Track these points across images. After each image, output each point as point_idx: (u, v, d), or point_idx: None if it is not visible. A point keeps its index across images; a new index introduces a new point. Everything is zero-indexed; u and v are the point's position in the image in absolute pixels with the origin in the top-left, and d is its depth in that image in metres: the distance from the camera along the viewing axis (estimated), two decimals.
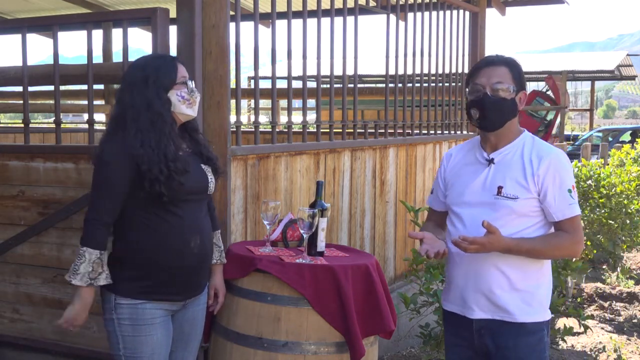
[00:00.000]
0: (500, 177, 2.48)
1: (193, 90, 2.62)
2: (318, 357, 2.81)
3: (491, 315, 2.51)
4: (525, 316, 2.48)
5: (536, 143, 2.52)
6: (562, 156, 2.50)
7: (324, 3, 4.33)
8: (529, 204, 2.45)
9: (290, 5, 3.85)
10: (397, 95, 5.08)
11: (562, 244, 2.46)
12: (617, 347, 5.06)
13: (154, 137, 2.49)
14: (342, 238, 4.33)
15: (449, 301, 2.66)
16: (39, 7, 7.73)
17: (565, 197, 2.43)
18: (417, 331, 4.30)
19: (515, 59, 2.55)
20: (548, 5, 7.23)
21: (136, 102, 2.52)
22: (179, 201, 2.54)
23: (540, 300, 2.52)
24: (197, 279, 2.67)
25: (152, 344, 2.56)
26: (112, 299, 2.57)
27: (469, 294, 2.54)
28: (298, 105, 6.96)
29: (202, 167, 2.69)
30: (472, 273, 2.53)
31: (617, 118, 77.81)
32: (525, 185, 2.44)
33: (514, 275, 2.47)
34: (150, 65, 2.59)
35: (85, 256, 2.47)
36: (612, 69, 19.71)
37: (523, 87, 2.52)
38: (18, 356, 3.78)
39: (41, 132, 7.04)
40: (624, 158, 8.98)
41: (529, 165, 2.45)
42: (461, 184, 2.58)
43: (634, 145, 11.08)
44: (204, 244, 2.64)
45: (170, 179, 2.47)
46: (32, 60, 4.02)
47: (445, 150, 5.71)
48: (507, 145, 2.52)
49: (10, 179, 3.72)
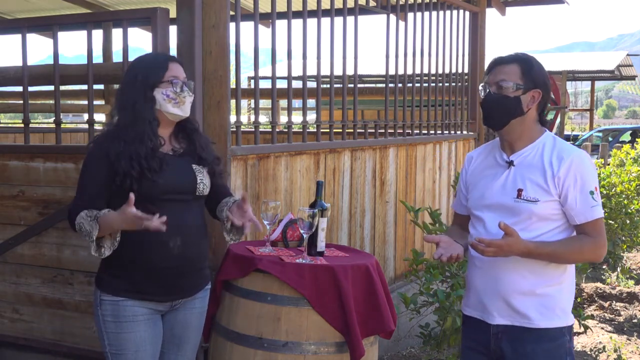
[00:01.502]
0: (520, 180, 2.42)
1: (182, 90, 2.60)
2: (318, 357, 2.81)
3: (511, 321, 2.45)
4: (545, 321, 2.42)
5: (557, 144, 2.44)
6: (584, 157, 2.42)
7: (324, 3, 4.33)
8: (549, 206, 2.38)
9: (290, 5, 3.85)
10: (397, 95, 5.08)
11: (584, 248, 2.38)
12: (617, 347, 5.06)
13: (131, 133, 2.51)
14: (342, 238, 4.33)
15: (468, 306, 2.60)
16: (39, 7, 7.74)
17: (587, 199, 2.35)
18: (417, 331, 4.29)
19: (532, 57, 2.48)
20: (548, 5, 7.24)
21: (124, 99, 2.57)
22: (156, 200, 2.52)
23: (562, 305, 2.44)
24: (182, 281, 2.62)
25: (136, 341, 2.55)
26: (97, 295, 2.59)
27: (489, 299, 2.48)
28: (298, 105, 6.97)
29: (192, 167, 2.66)
30: (491, 277, 2.47)
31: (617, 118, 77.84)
32: (546, 188, 2.37)
33: (535, 280, 2.41)
34: (141, 63, 2.63)
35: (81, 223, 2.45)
36: (612, 69, 19.71)
37: (536, 85, 2.42)
38: (18, 356, 3.78)
39: (41, 132, 7.05)
40: (624, 158, 8.98)
41: (549, 167, 2.38)
42: (481, 187, 2.53)
43: (634, 145, 11.09)
44: (186, 246, 2.58)
45: (142, 175, 2.48)
46: (32, 60, 4.02)
47: (445, 150, 5.72)
48: (526, 146, 2.45)
49: (10, 179, 3.72)
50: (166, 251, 2.54)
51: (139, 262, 2.53)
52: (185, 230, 2.59)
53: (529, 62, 2.44)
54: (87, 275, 3.52)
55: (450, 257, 2.43)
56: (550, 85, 2.52)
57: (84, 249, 3.51)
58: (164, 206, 2.52)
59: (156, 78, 2.57)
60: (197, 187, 2.65)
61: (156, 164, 2.51)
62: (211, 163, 2.72)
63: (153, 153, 2.52)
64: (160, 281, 2.56)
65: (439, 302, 3.86)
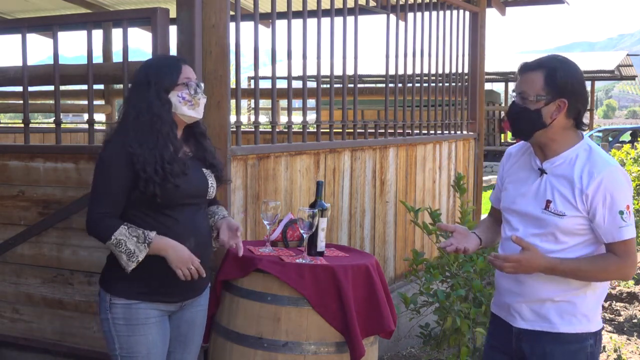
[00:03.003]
0: (550, 191, 2.36)
1: (197, 91, 2.61)
2: (318, 357, 2.81)
3: (532, 325, 2.43)
4: (566, 326, 2.39)
5: (592, 156, 2.33)
6: (618, 173, 2.31)
7: (324, 3, 4.33)
8: (575, 222, 2.31)
9: (290, 5, 3.85)
10: (397, 95, 5.08)
11: (609, 268, 2.31)
12: (617, 347, 5.06)
13: (152, 137, 2.49)
14: (342, 238, 4.33)
15: (496, 305, 2.60)
16: (39, 7, 7.74)
17: (615, 220, 2.27)
18: (417, 331, 4.29)
19: (561, 60, 2.36)
20: (548, 5, 7.23)
21: (138, 102, 2.54)
22: (176, 205, 2.54)
23: (585, 312, 2.39)
24: (195, 282, 2.64)
25: (148, 344, 2.56)
26: (107, 299, 2.57)
27: (511, 301, 2.47)
28: (298, 105, 6.96)
29: (203, 171, 2.68)
30: (514, 282, 2.45)
31: (617, 118, 77.84)
32: (574, 203, 2.30)
33: (556, 287, 2.37)
34: (154, 66, 2.62)
35: (122, 240, 2.45)
36: (612, 69, 19.72)
37: (562, 94, 2.30)
38: (18, 356, 3.78)
39: (41, 132, 7.04)
40: (624, 158, 8.98)
41: (579, 182, 2.29)
42: (514, 190, 2.48)
43: (634, 145, 11.08)
44: (199, 247, 2.62)
45: (165, 180, 2.47)
46: (32, 60, 4.02)
47: (445, 150, 5.72)
48: (558, 154, 2.36)
49: (10, 179, 3.72)
50: None
51: (156, 265, 2.52)
52: (198, 232, 2.63)
53: (554, 67, 2.32)
54: (87, 275, 3.52)
55: (456, 250, 2.41)
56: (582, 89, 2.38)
57: (84, 249, 3.51)
58: (181, 210, 2.56)
59: (171, 81, 2.57)
60: (208, 191, 2.69)
61: (179, 167, 2.52)
62: (219, 170, 2.75)
63: (175, 157, 2.53)
64: (175, 282, 2.56)
65: (439, 302, 3.86)
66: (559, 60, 2.37)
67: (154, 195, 2.46)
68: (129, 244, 2.45)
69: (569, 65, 2.36)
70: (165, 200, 2.50)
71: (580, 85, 2.38)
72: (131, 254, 2.45)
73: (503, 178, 2.59)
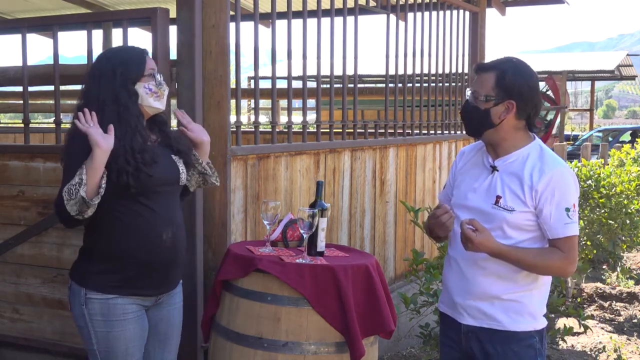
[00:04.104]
0: (500, 187, 2.43)
1: (161, 83, 2.59)
2: (318, 357, 2.81)
3: (479, 322, 2.49)
4: (514, 325, 2.44)
5: (543, 155, 2.42)
6: (567, 172, 2.40)
7: (324, 3, 4.33)
8: (524, 217, 2.39)
9: (290, 5, 3.85)
10: (397, 95, 5.08)
11: (553, 262, 2.39)
12: (617, 347, 5.06)
13: (121, 129, 2.46)
14: (342, 238, 4.33)
15: (443, 303, 2.67)
16: (39, 7, 7.73)
17: (561, 216, 2.35)
18: (417, 331, 4.29)
19: (513, 63, 2.43)
20: (548, 5, 7.23)
21: (103, 94, 2.49)
22: (150, 193, 2.52)
23: (532, 310, 2.46)
24: (170, 274, 2.63)
25: (126, 339, 2.54)
26: (82, 293, 2.53)
27: (459, 299, 2.53)
28: (298, 105, 6.96)
29: (172, 158, 2.66)
30: (463, 280, 2.52)
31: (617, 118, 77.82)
32: (523, 199, 2.38)
33: (503, 285, 2.44)
34: (118, 57, 2.57)
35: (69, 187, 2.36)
36: (612, 69, 19.70)
37: (510, 96, 2.37)
38: (18, 356, 3.78)
39: (41, 132, 7.04)
40: (624, 158, 8.98)
41: (529, 179, 2.37)
42: (465, 186, 2.55)
43: (634, 145, 11.08)
44: (176, 237, 2.60)
45: (138, 170, 2.45)
46: (32, 60, 4.02)
47: (445, 150, 5.72)
48: (509, 153, 2.44)
49: (10, 179, 3.72)
50: (161, 243, 2.54)
51: (134, 256, 2.51)
52: (175, 221, 2.61)
53: (505, 70, 2.38)
54: None
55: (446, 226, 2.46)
56: (532, 92, 2.43)
57: None
58: (155, 199, 2.54)
59: (138, 72, 2.54)
60: (180, 177, 2.67)
61: (150, 156, 2.50)
62: (187, 155, 2.72)
63: (146, 146, 2.51)
64: (152, 274, 2.55)
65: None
66: (512, 62, 2.43)
67: (128, 185, 2.43)
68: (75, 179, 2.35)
69: (521, 68, 2.42)
70: (139, 190, 2.47)
71: (530, 88, 2.42)
72: (78, 184, 2.34)
73: (455, 175, 2.66)
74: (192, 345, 3.38)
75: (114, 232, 2.51)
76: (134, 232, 2.51)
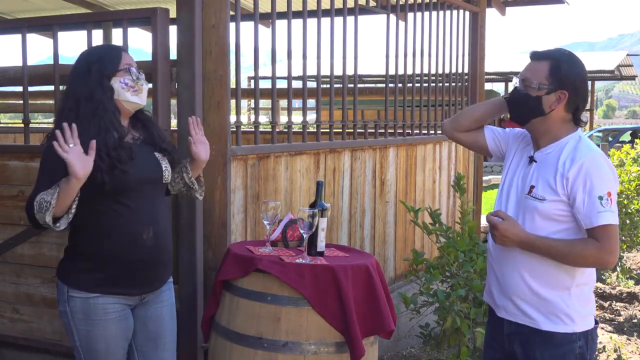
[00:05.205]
0: (535, 177, 2.42)
1: (139, 77, 2.57)
2: (318, 357, 2.81)
3: (514, 318, 2.47)
4: (550, 325, 2.40)
5: (579, 145, 2.38)
6: (600, 159, 2.34)
7: (324, 3, 4.33)
8: (555, 206, 2.35)
9: (290, 5, 3.85)
10: (397, 95, 5.08)
11: (587, 252, 2.30)
12: (617, 347, 5.06)
13: (94, 125, 2.44)
14: (342, 238, 4.33)
15: (486, 292, 2.68)
16: (39, 7, 7.73)
17: (594, 204, 2.27)
18: (417, 331, 4.30)
19: (567, 55, 2.43)
20: (548, 5, 7.23)
21: (78, 91, 2.49)
22: (129, 191, 2.50)
23: (568, 311, 2.39)
24: (154, 273, 2.61)
25: (107, 339, 2.53)
26: (64, 291, 2.53)
27: (496, 293, 2.55)
28: (298, 105, 6.96)
29: (155, 156, 2.64)
30: (499, 275, 2.53)
31: (617, 118, 77.86)
32: (554, 187, 2.34)
33: (536, 284, 2.41)
34: (93, 54, 2.58)
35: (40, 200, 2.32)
36: (612, 69, 19.71)
37: (563, 86, 2.37)
38: (18, 356, 3.78)
39: (41, 132, 7.03)
40: (624, 158, 8.98)
41: (562, 167, 2.34)
42: (507, 171, 2.57)
43: (634, 145, 11.08)
44: (158, 236, 2.58)
45: (113, 167, 2.43)
46: (32, 60, 4.02)
47: (445, 151, 5.72)
48: (549, 144, 2.43)
49: (10, 179, 3.72)
50: (140, 242, 2.53)
51: (114, 254, 2.50)
52: (157, 220, 2.59)
53: (560, 60, 2.39)
54: None
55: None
56: (584, 86, 2.44)
57: None
58: (135, 197, 2.52)
59: (113, 67, 2.53)
60: (163, 175, 2.65)
61: (125, 153, 2.48)
62: (171, 152, 2.71)
63: (121, 143, 2.49)
64: (134, 273, 2.54)
65: (439, 302, 3.86)
66: (566, 54, 2.45)
67: (103, 182, 2.41)
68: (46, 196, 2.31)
69: (574, 60, 2.43)
70: (115, 187, 2.45)
71: (582, 81, 2.44)
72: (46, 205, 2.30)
73: (509, 140, 2.65)
74: (192, 346, 3.38)
75: (95, 232, 2.51)
76: (114, 232, 2.50)
